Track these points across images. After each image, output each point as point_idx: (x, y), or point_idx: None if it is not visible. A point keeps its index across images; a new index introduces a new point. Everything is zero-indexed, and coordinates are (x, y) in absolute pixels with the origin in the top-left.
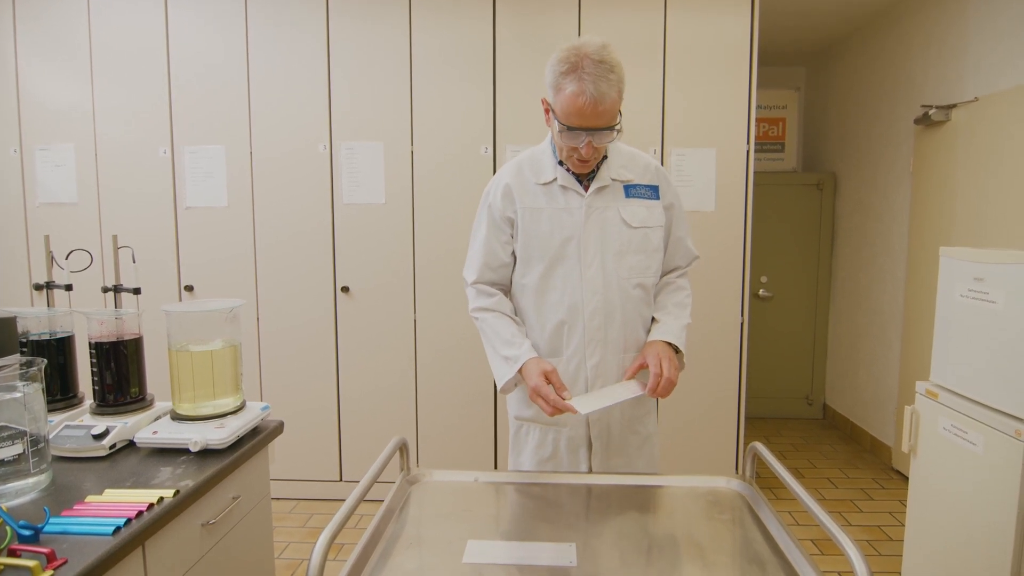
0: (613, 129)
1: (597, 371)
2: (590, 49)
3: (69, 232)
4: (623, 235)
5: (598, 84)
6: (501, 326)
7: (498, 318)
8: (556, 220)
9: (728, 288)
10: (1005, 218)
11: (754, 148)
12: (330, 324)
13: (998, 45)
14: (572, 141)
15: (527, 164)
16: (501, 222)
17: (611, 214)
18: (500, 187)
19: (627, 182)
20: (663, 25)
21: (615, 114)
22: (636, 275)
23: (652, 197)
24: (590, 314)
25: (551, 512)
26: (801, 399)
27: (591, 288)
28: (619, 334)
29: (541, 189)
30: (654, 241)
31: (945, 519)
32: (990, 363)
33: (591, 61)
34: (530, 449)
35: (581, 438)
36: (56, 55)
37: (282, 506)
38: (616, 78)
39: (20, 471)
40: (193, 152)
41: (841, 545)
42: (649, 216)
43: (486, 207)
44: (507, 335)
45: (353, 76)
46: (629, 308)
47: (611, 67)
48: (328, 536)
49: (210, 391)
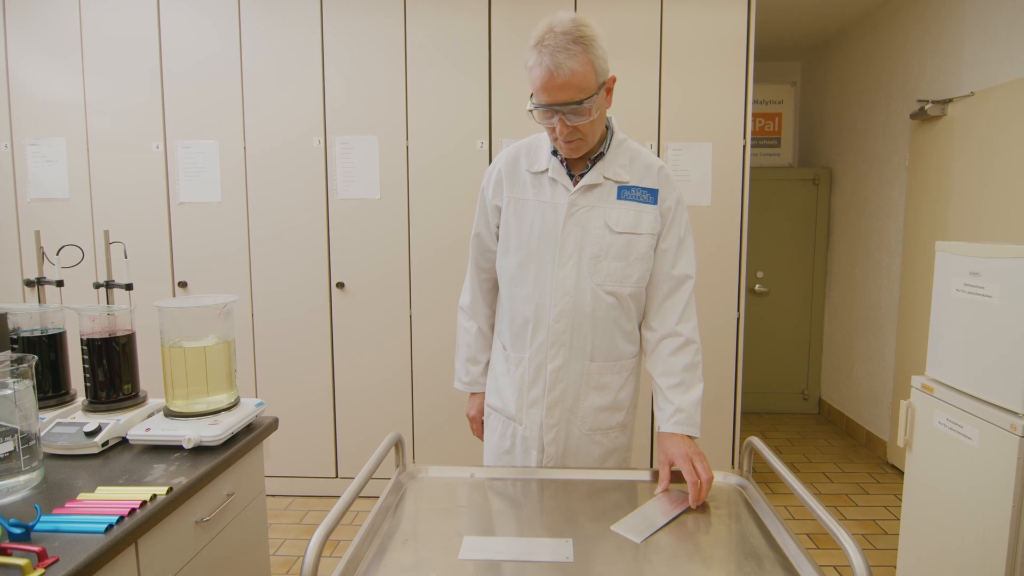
0: (583, 104)
1: (558, 375)
2: (557, 23)
3: (61, 227)
4: (604, 239)
5: (555, 55)
6: (462, 343)
7: (466, 332)
8: (539, 213)
9: (724, 283)
10: (1001, 213)
11: (750, 143)
12: (325, 320)
13: (994, 39)
14: (545, 120)
15: (525, 150)
16: (491, 211)
17: (595, 215)
18: (493, 174)
19: (622, 183)
20: (659, 19)
21: (584, 88)
22: (611, 283)
23: (648, 201)
24: (556, 315)
25: (548, 508)
26: (797, 394)
27: (561, 289)
28: (586, 340)
29: (531, 178)
30: (639, 249)
31: (940, 513)
32: (986, 357)
33: (554, 34)
34: (493, 439)
35: (534, 439)
36: (47, 48)
37: (277, 503)
38: (579, 49)
39: (11, 469)
40: (186, 146)
41: (838, 539)
42: (638, 221)
43: (481, 192)
44: (464, 355)
45: (347, 69)
46: (601, 315)
47: (575, 39)
48: (323, 533)
49: (204, 388)
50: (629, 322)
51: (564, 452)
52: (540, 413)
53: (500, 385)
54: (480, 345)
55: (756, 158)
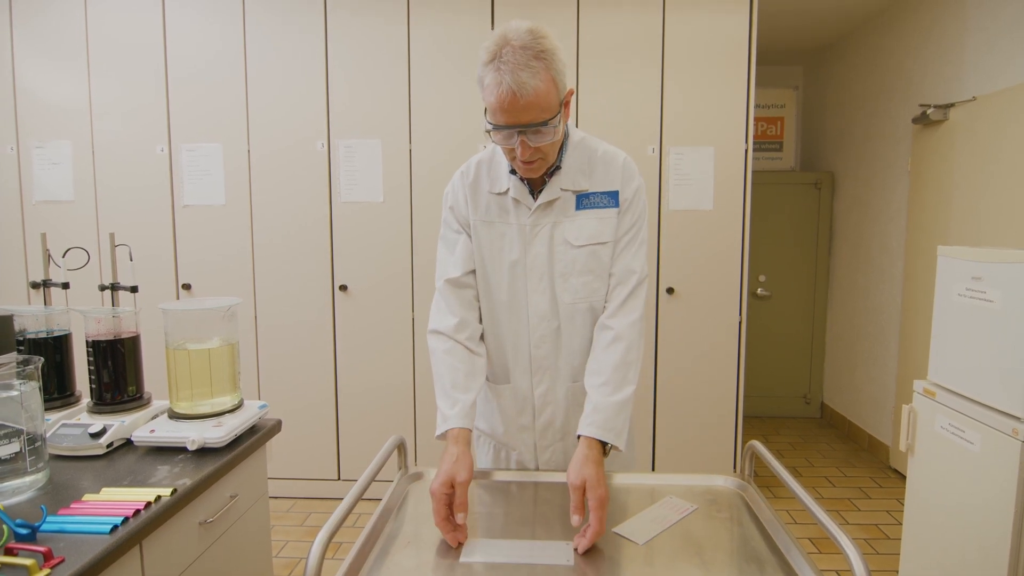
0: (547, 125)
1: (545, 399)
2: (513, 35)
3: (66, 230)
4: (567, 255)
5: (516, 73)
6: (446, 372)
7: (446, 361)
8: (506, 237)
9: (726, 287)
10: (1003, 217)
11: (752, 147)
12: (328, 322)
13: (996, 44)
14: (504, 142)
15: (485, 167)
16: (457, 228)
17: (557, 232)
18: (460, 193)
19: (580, 191)
20: (661, 23)
21: (547, 107)
22: (583, 297)
23: (609, 205)
24: (536, 342)
25: (548, 510)
26: (799, 398)
27: (537, 314)
28: (567, 362)
29: (495, 199)
30: (604, 259)
31: (942, 518)
32: (988, 362)
33: (511, 48)
34: (484, 460)
35: (529, 461)
36: (53, 52)
37: (280, 505)
38: (542, 66)
39: (17, 469)
40: (190, 150)
41: (839, 544)
42: (600, 230)
43: (448, 212)
44: (448, 384)
45: (351, 73)
46: (578, 334)
47: (535, 54)
48: (326, 535)
49: (208, 390)
50: None
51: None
52: (532, 437)
53: (486, 411)
54: (469, 368)
55: (758, 162)
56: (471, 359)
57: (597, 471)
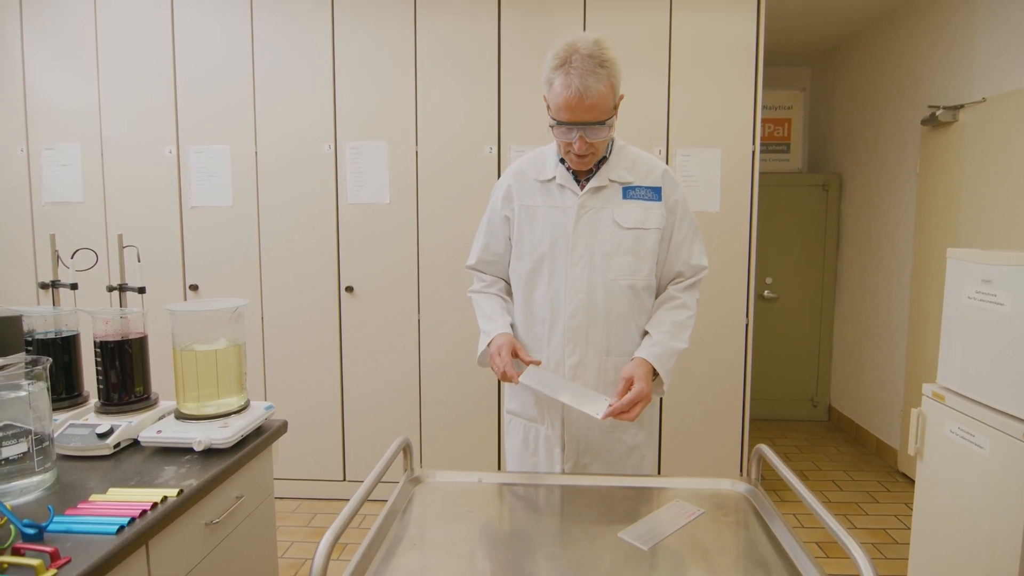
0: (604, 124)
1: (576, 371)
2: (581, 44)
3: (75, 231)
4: (614, 236)
5: (584, 78)
6: (486, 303)
7: (486, 298)
8: (549, 218)
9: (733, 289)
10: (1013, 219)
11: (760, 148)
12: (334, 324)
13: (1007, 45)
14: (564, 136)
15: (530, 163)
16: (500, 221)
17: (604, 215)
18: (503, 189)
19: (626, 184)
20: (668, 24)
21: (606, 109)
22: (625, 276)
23: (652, 199)
24: (571, 312)
25: (555, 513)
26: (806, 401)
27: (575, 287)
28: (602, 335)
29: (540, 186)
30: (648, 243)
31: (951, 522)
32: (997, 365)
33: (580, 56)
34: (514, 444)
35: (555, 438)
36: (62, 54)
37: (285, 506)
38: (605, 73)
39: (25, 469)
40: (198, 151)
41: (847, 548)
42: (645, 218)
43: (490, 204)
44: (488, 311)
45: (358, 75)
46: (615, 310)
47: (600, 62)
48: (331, 536)
49: (214, 390)
50: (643, 316)
51: (585, 450)
52: (560, 411)
53: (518, 389)
54: (502, 305)
55: (765, 164)
56: (503, 302)
57: (646, 377)
